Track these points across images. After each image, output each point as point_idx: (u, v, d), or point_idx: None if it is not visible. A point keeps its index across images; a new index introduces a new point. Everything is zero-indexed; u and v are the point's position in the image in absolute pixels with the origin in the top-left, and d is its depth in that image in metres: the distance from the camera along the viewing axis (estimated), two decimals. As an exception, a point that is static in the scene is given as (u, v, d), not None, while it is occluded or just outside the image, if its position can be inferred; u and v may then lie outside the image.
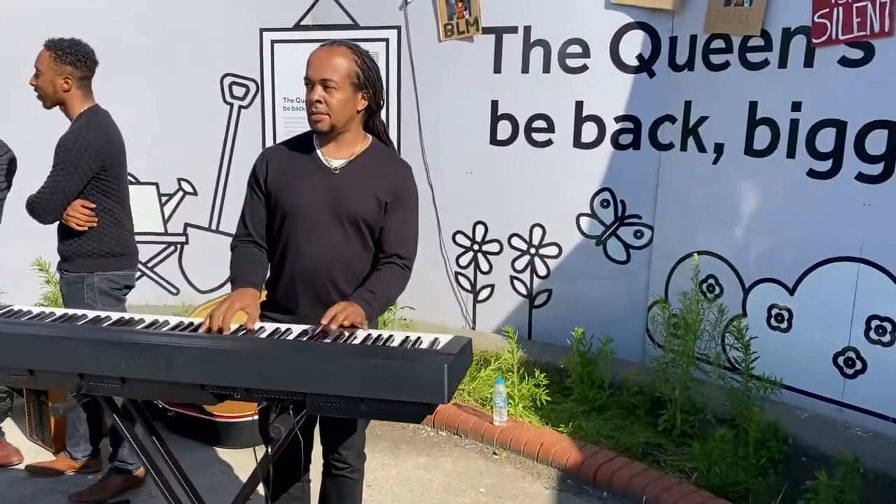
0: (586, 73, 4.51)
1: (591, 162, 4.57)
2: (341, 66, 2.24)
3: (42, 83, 2.97)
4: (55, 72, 2.95)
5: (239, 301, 2.16)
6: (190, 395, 1.93)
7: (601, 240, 4.63)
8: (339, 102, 2.25)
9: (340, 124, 2.29)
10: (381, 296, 2.29)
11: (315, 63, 2.25)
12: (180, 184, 5.54)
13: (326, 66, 2.23)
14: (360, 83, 2.27)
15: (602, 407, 4.04)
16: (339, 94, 2.24)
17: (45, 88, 2.97)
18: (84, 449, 3.37)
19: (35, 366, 1.98)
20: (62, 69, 2.95)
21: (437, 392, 1.74)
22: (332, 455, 2.53)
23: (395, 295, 2.39)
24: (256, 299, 2.22)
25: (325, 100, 2.24)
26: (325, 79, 2.23)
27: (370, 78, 2.29)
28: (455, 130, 4.93)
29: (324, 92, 2.24)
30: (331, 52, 2.25)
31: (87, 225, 2.98)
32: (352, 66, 2.25)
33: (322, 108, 2.25)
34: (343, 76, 2.24)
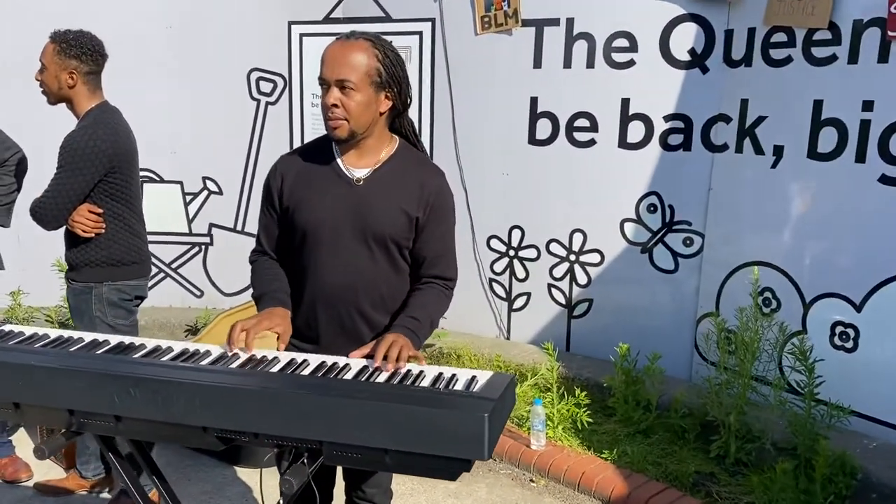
0: (633, 68, 4.21)
1: (638, 164, 4.26)
2: (360, 64, 1.94)
3: (46, 78, 2.76)
4: (59, 66, 2.73)
5: (268, 320, 1.92)
6: (191, 438, 1.69)
7: (647, 247, 4.32)
8: (358, 105, 1.96)
9: (361, 130, 2.01)
10: (424, 322, 2.04)
11: (330, 60, 1.95)
12: (205, 183, 5.34)
13: (343, 63, 1.93)
14: (382, 81, 1.98)
15: (648, 430, 3.74)
16: (359, 95, 1.95)
17: (50, 84, 2.76)
18: (95, 468, 3.17)
19: (20, 399, 1.75)
20: (67, 63, 2.73)
21: (476, 447, 1.48)
22: (355, 493, 2.29)
23: (437, 319, 2.13)
24: (287, 320, 1.99)
25: (343, 103, 1.95)
26: (341, 79, 1.93)
27: (394, 74, 2.00)
28: (491, 129, 4.66)
29: (341, 94, 1.94)
30: (347, 48, 1.95)
31: (94, 231, 2.76)
32: (372, 62, 1.96)
33: (339, 112, 1.96)
34: (362, 75, 1.94)
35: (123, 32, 4.99)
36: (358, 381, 1.72)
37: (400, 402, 1.55)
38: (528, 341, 4.75)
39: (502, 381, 1.68)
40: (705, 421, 3.64)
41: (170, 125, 5.17)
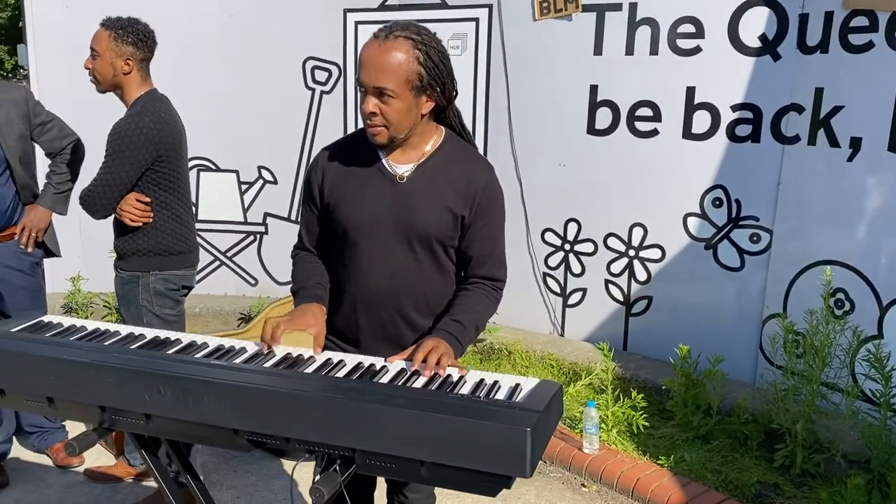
0: (699, 55, 4.00)
1: (703, 155, 4.05)
2: (399, 69, 1.79)
3: (100, 65, 2.72)
4: (115, 53, 2.69)
5: (301, 319, 1.84)
6: (222, 439, 1.63)
7: (711, 243, 4.12)
8: (397, 113, 1.83)
9: (401, 134, 1.89)
10: (469, 326, 1.93)
11: (367, 65, 1.81)
12: (260, 172, 5.34)
13: (381, 69, 1.79)
14: (423, 85, 1.83)
15: (707, 435, 3.56)
16: (398, 102, 1.82)
17: (103, 71, 2.73)
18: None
19: (54, 394, 1.72)
20: (123, 50, 2.70)
21: (517, 463, 1.37)
22: (397, 497, 2.20)
23: (484, 322, 2.02)
24: (321, 317, 1.90)
25: (382, 111, 1.82)
26: (379, 87, 1.80)
27: (437, 75, 1.85)
28: (548, 118, 4.51)
29: (379, 101, 1.82)
30: (386, 50, 1.79)
31: (141, 220, 2.74)
32: (412, 65, 1.80)
33: (378, 120, 1.84)
34: (401, 81, 1.80)
35: (184, 22, 5.04)
36: (394, 386, 1.62)
37: (437, 411, 1.44)
38: (582, 339, 4.60)
39: (548, 391, 1.56)
40: (769, 428, 3.44)
41: (227, 114, 5.18)
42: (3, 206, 3.04)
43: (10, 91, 3.12)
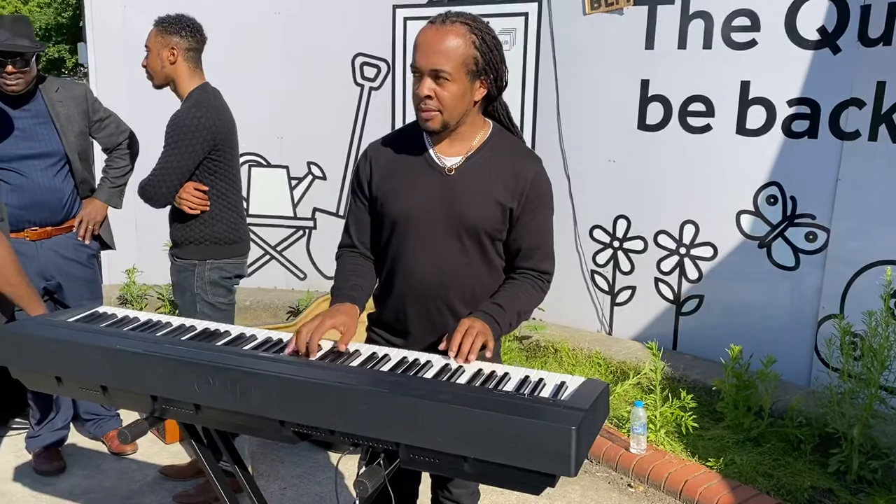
0: (755, 49, 3.90)
1: (757, 151, 3.96)
2: (456, 52, 1.81)
3: (151, 60, 2.84)
4: (161, 44, 2.80)
5: (331, 319, 1.83)
6: (269, 430, 1.65)
7: (765, 241, 4.02)
8: (452, 97, 1.84)
9: (454, 120, 1.89)
10: (510, 310, 1.91)
11: (423, 48, 1.82)
12: (310, 167, 5.40)
13: (438, 51, 1.80)
14: (478, 70, 1.85)
15: (759, 438, 3.48)
16: (453, 86, 1.83)
17: (154, 65, 2.83)
18: None
19: (107, 383, 1.77)
20: (168, 40, 2.80)
21: (561, 462, 1.35)
22: (441, 492, 2.20)
23: (528, 310, 2.00)
24: (353, 317, 1.90)
25: (437, 94, 1.83)
26: (435, 69, 1.81)
27: (491, 61, 1.86)
28: (598, 113, 4.45)
29: (435, 85, 1.83)
30: (443, 34, 1.81)
31: (199, 208, 2.81)
32: (469, 49, 1.82)
33: (432, 104, 1.84)
34: (458, 64, 1.82)
35: (234, 20, 5.12)
36: (438, 381, 1.62)
37: (481, 407, 1.44)
38: (631, 338, 4.53)
39: (594, 389, 1.54)
40: (824, 432, 3.35)
41: (277, 110, 5.26)
42: (63, 199, 3.14)
43: (71, 89, 3.21)
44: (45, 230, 3.11)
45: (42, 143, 3.05)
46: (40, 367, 1.84)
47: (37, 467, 3.32)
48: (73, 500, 3.11)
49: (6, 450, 3.51)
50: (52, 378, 1.84)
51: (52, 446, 3.36)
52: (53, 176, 3.09)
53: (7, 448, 3.53)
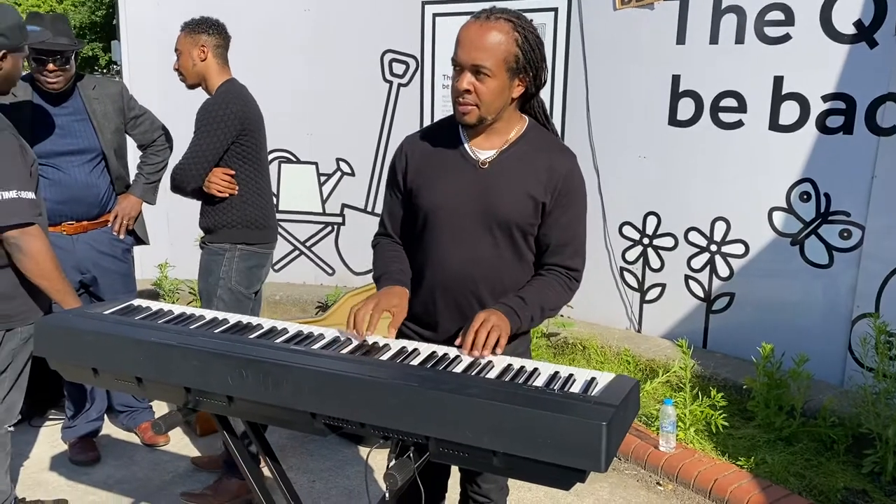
0: (788, 43, 3.85)
1: (790, 147, 3.90)
2: (498, 49, 1.82)
3: (182, 62, 2.92)
4: (191, 43, 2.89)
5: (386, 300, 1.86)
6: (300, 422, 1.66)
7: (798, 239, 3.96)
8: (490, 93, 1.85)
9: (491, 115, 1.90)
10: (532, 304, 1.91)
11: (466, 42, 1.83)
12: (338, 164, 5.43)
13: (480, 47, 1.81)
14: (518, 67, 1.85)
15: (790, 437, 3.44)
16: (493, 82, 1.83)
17: (185, 64, 2.91)
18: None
19: (142, 374, 1.80)
20: (197, 39, 2.88)
21: (591, 458, 1.35)
22: (470, 487, 2.21)
23: (553, 306, 1.99)
24: (404, 299, 1.92)
25: (476, 89, 1.84)
26: (476, 65, 1.81)
27: (532, 59, 1.87)
28: (628, 109, 4.42)
29: (474, 79, 1.83)
30: (486, 29, 1.82)
31: (227, 192, 2.86)
32: (511, 47, 1.83)
33: (470, 98, 1.85)
34: (499, 61, 1.82)
35: (264, 18, 5.16)
36: (468, 376, 1.62)
37: (510, 402, 1.44)
38: (660, 335, 4.50)
39: (625, 386, 1.53)
40: (858, 432, 3.30)
41: (306, 107, 5.29)
42: (99, 195, 3.20)
43: (107, 86, 3.27)
44: (81, 225, 3.17)
45: (80, 139, 3.11)
46: (77, 358, 1.88)
47: (72, 457, 3.39)
48: (108, 489, 3.17)
49: (43, 440, 3.59)
50: (89, 369, 1.88)
51: (86, 437, 3.43)
52: (90, 172, 3.15)
53: (43, 438, 3.60)
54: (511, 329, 1.81)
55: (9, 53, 2.43)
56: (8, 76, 2.48)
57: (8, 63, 2.45)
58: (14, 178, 2.36)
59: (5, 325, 2.50)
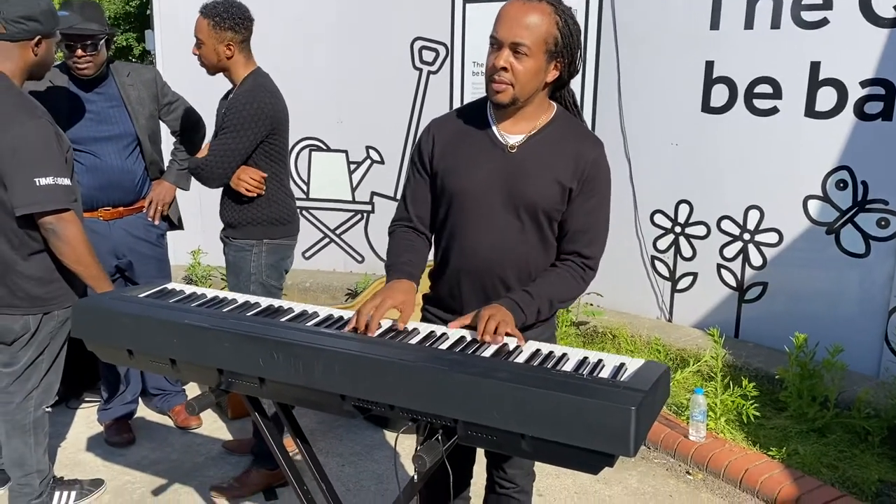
0: (826, 27, 3.77)
1: (827, 134, 3.83)
2: (539, 29, 1.82)
3: (205, 52, 2.82)
4: (216, 39, 2.79)
5: (391, 298, 1.85)
6: (330, 404, 1.68)
7: (833, 227, 3.89)
8: (527, 72, 1.84)
9: (524, 97, 1.89)
10: (540, 297, 1.91)
11: (507, 20, 1.84)
12: (368, 152, 5.45)
13: (521, 25, 1.81)
14: (556, 51, 1.86)
15: (823, 428, 3.39)
16: (530, 61, 1.84)
17: (209, 57, 2.83)
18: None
19: (176, 356, 1.83)
20: (223, 35, 2.79)
21: (620, 442, 1.35)
22: (497, 472, 2.21)
23: (563, 298, 1.99)
24: (411, 295, 1.91)
25: (512, 67, 1.84)
26: (516, 42, 1.82)
27: (569, 44, 1.87)
28: (660, 96, 4.37)
29: (512, 58, 1.83)
30: (528, 9, 1.83)
31: (256, 192, 2.86)
32: (551, 28, 1.83)
33: (507, 76, 1.85)
34: (539, 40, 1.83)
35: (294, 6, 5.18)
36: (496, 360, 1.63)
37: (539, 385, 1.44)
38: (691, 325, 4.46)
39: (655, 371, 1.53)
40: (894, 424, 3.24)
41: (336, 95, 5.31)
42: (134, 180, 3.24)
43: (142, 72, 3.31)
44: (117, 210, 3.22)
45: (115, 125, 3.15)
46: (113, 340, 1.92)
47: (108, 438, 3.46)
48: (142, 470, 3.23)
49: (79, 421, 3.67)
50: (124, 351, 1.91)
51: (121, 419, 3.50)
52: (126, 157, 3.19)
53: (80, 420, 3.68)
54: (516, 323, 1.81)
55: (43, 39, 2.47)
56: (42, 62, 2.52)
57: (42, 48, 2.49)
58: (50, 164, 2.41)
59: (42, 308, 2.56)
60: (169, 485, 3.13)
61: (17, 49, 2.44)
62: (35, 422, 2.66)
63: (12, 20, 2.40)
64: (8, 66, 2.44)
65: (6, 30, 2.41)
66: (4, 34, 2.41)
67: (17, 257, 2.49)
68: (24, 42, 2.44)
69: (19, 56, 2.45)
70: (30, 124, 2.39)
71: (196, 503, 3.00)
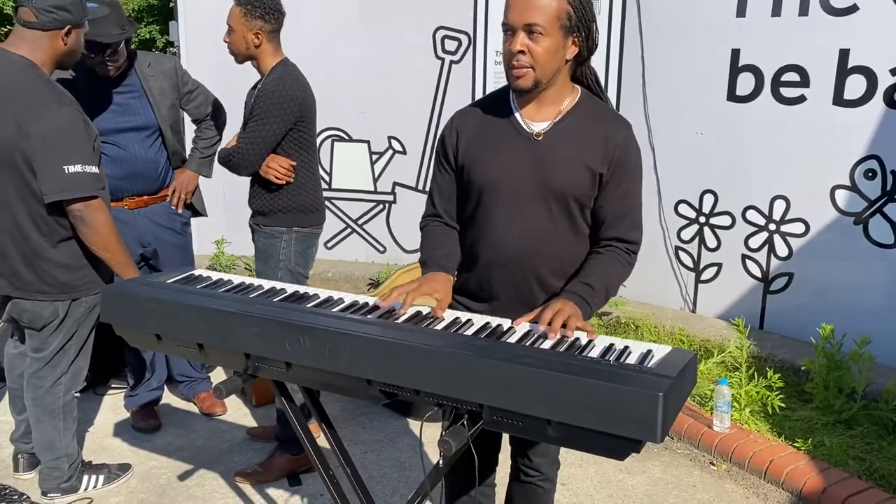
0: (856, 14, 3.71)
1: (855, 123, 3.78)
2: (549, 6, 1.79)
3: (234, 39, 2.86)
4: (246, 27, 2.83)
5: (427, 285, 1.85)
6: (356, 389, 1.69)
7: (862, 218, 3.84)
8: (545, 52, 1.81)
9: (546, 78, 1.86)
10: (598, 288, 1.89)
11: (517, 3, 1.81)
12: (390, 142, 5.45)
13: (531, 5, 1.79)
14: (571, 25, 1.82)
15: (850, 420, 3.36)
16: (547, 40, 1.80)
17: (238, 45, 2.87)
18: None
19: (203, 340, 1.84)
20: (253, 24, 2.83)
21: (647, 428, 1.34)
22: (522, 460, 2.21)
23: (615, 287, 1.97)
24: (448, 286, 1.91)
25: (530, 49, 1.81)
26: (529, 23, 1.79)
27: (583, 17, 1.83)
28: (685, 84, 4.33)
29: (528, 40, 1.80)
30: None
31: (284, 179, 2.89)
32: (562, 4, 1.80)
33: (525, 59, 1.82)
34: (552, 17, 1.79)
35: (318, -6, 5.19)
36: (522, 346, 1.62)
37: (565, 371, 1.44)
38: (716, 316, 4.42)
39: (682, 358, 1.52)
40: (923, 417, 3.20)
41: (359, 85, 5.32)
42: (158, 170, 3.27)
43: (162, 62, 3.33)
44: (142, 199, 3.25)
45: (138, 116, 3.18)
46: (142, 325, 1.94)
47: (134, 424, 3.51)
48: (168, 456, 3.27)
49: (106, 407, 3.72)
50: (153, 335, 1.93)
51: (147, 405, 3.54)
52: (149, 147, 3.22)
53: (107, 406, 3.74)
54: (583, 316, 1.78)
55: (73, 28, 2.50)
56: (72, 51, 2.55)
57: (72, 38, 2.52)
58: (79, 152, 2.44)
59: (70, 295, 2.60)
60: (194, 470, 3.16)
61: (47, 38, 2.47)
62: (64, 406, 2.71)
63: (43, 9, 2.42)
64: (38, 56, 2.47)
65: (37, 19, 2.43)
66: (35, 23, 2.44)
67: (46, 244, 2.52)
68: (54, 31, 2.46)
69: (49, 45, 2.48)
70: (59, 112, 2.42)
71: (221, 488, 3.03)
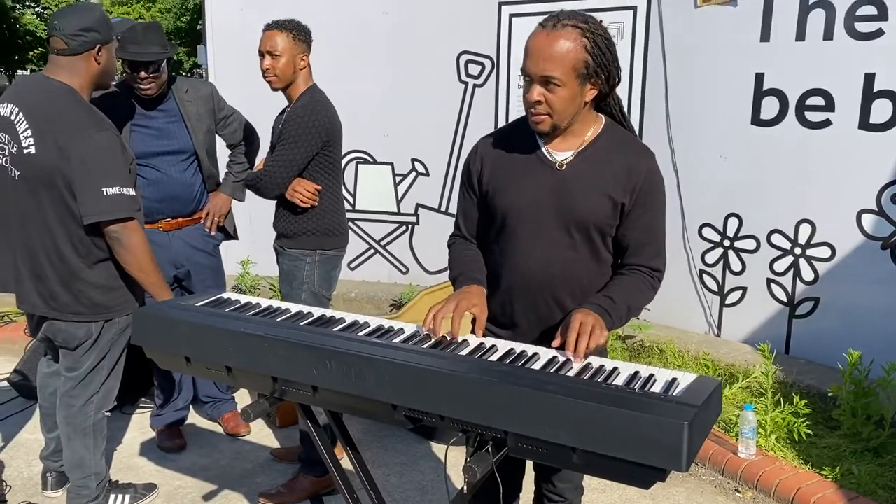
0: (881, 38, 3.70)
1: (882, 147, 3.75)
2: (566, 57, 1.79)
3: (283, 65, 2.89)
4: (296, 52, 2.90)
5: (465, 300, 1.88)
6: (382, 414, 1.71)
7: (889, 242, 3.80)
8: (561, 101, 1.83)
9: (564, 122, 1.89)
10: (621, 304, 1.89)
11: (534, 53, 1.82)
12: (413, 164, 5.50)
13: (548, 58, 1.79)
14: (588, 73, 1.83)
15: (879, 448, 3.31)
16: (563, 91, 1.82)
17: (286, 70, 2.90)
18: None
19: (231, 363, 1.87)
20: (300, 48, 2.92)
21: (673, 457, 1.35)
22: (546, 486, 2.21)
23: (638, 305, 1.98)
24: (483, 298, 1.94)
25: (546, 98, 1.83)
26: (545, 76, 1.80)
27: (603, 62, 1.84)
28: (709, 108, 4.33)
29: (544, 90, 1.83)
30: (553, 39, 1.79)
31: (309, 203, 2.93)
32: (579, 53, 1.80)
33: (542, 108, 1.85)
34: (568, 69, 1.80)
35: (342, 19, 5.27)
36: (546, 373, 1.64)
37: (589, 399, 1.45)
38: (740, 340, 4.39)
39: (707, 386, 1.52)
40: (954, 446, 3.15)
41: (383, 108, 5.38)
42: (193, 193, 3.34)
43: (199, 88, 3.41)
44: (176, 221, 3.32)
45: (175, 140, 3.25)
46: (171, 347, 1.98)
47: (160, 444, 3.54)
48: (193, 476, 3.30)
49: (133, 427, 3.77)
50: (182, 358, 1.97)
51: (173, 425, 3.58)
52: (185, 171, 3.29)
53: (134, 425, 3.78)
54: (605, 329, 1.79)
55: (103, 47, 2.57)
56: (106, 69, 2.62)
57: (104, 56, 2.59)
58: (117, 175, 2.50)
59: (104, 315, 2.65)
60: (219, 490, 3.19)
61: (82, 61, 2.54)
62: (95, 425, 2.75)
63: (72, 35, 2.50)
64: (76, 81, 2.54)
65: (67, 45, 2.51)
66: (66, 49, 2.51)
67: (83, 265, 2.58)
68: (86, 53, 2.54)
69: (84, 68, 2.55)
70: (98, 136, 2.48)
71: (245, 509, 3.06)
